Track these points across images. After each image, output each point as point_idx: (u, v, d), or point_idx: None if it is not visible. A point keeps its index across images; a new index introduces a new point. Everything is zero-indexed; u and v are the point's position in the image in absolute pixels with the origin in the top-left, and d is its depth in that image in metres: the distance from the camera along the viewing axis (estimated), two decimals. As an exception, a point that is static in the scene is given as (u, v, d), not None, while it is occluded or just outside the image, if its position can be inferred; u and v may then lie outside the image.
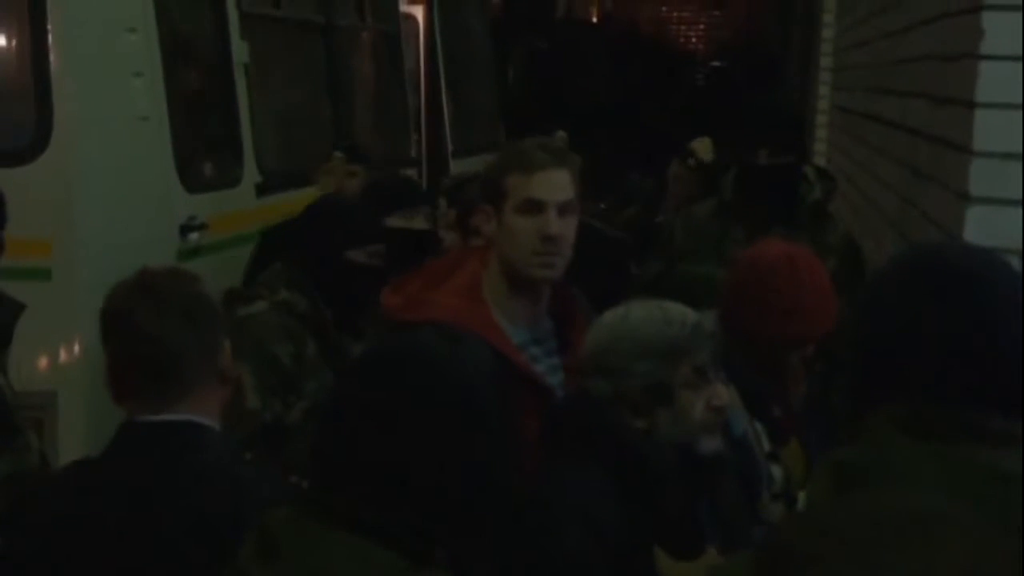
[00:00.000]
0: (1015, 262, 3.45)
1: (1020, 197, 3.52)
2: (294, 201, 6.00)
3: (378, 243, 4.32)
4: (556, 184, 3.13)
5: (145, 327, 2.65)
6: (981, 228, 3.53)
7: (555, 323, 3.27)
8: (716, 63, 30.24)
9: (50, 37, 5.02)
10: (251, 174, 6.36)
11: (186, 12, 6.09)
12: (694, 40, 39.16)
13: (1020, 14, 3.46)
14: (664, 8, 37.41)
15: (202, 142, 6.16)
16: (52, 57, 5.02)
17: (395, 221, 4.67)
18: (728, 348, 3.09)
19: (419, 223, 4.74)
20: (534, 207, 3.10)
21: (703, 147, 7.35)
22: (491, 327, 3.09)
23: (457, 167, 9.71)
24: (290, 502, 2.08)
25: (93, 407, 4.78)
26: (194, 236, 5.63)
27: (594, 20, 36.36)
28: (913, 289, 2.00)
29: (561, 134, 6.79)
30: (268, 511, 2.09)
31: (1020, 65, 3.48)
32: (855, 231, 5.37)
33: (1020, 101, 3.49)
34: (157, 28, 5.51)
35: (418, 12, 9.74)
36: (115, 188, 5.18)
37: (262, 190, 6.39)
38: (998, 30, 3.49)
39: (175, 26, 5.83)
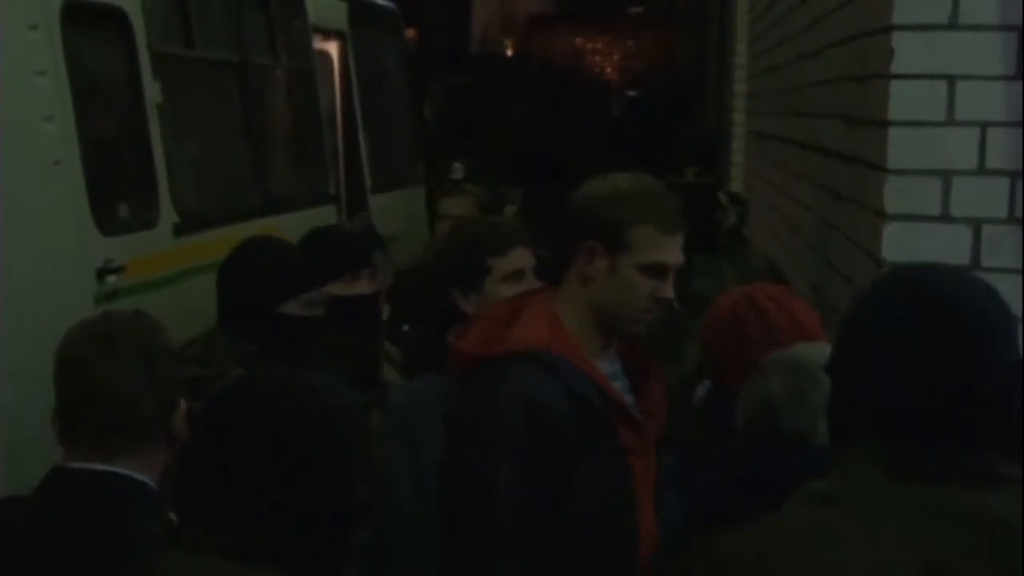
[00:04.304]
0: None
1: (936, 213, 3.55)
2: (212, 241, 5.95)
3: (314, 290, 3.90)
4: (679, 247, 2.96)
5: (99, 377, 2.60)
6: (898, 245, 3.56)
7: (623, 364, 3.13)
8: (632, 92, 30.38)
9: (-43, 82, 4.95)
10: (168, 215, 6.29)
11: (97, 53, 6.02)
12: (609, 70, 39.38)
13: (929, 33, 3.50)
14: (578, 40, 37.53)
15: (117, 184, 6.08)
16: (-41, 102, 4.94)
17: (336, 288, 4.13)
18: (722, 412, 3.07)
19: (362, 287, 4.31)
20: (659, 270, 2.93)
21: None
22: (582, 357, 2.94)
23: (376, 202, 9.68)
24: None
25: (10, 450, 4.70)
26: (111, 279, 5.55)
27: (509, 53, 36.46)
28: (891, 315, 1.83)
29: (457, 165, 6.69)
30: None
31: (931, 83, 3.52)
32: (776, 255, 5.40)
33: (932, 119, 3.52)
34: (67, 70, 5.44)
35: (333, 49, 9.71)
36: (29, 233, 5.09)
37: (180, 231, 6.31)
38: (908, 49, 3.53)
39: (86, 68, 5.76)
